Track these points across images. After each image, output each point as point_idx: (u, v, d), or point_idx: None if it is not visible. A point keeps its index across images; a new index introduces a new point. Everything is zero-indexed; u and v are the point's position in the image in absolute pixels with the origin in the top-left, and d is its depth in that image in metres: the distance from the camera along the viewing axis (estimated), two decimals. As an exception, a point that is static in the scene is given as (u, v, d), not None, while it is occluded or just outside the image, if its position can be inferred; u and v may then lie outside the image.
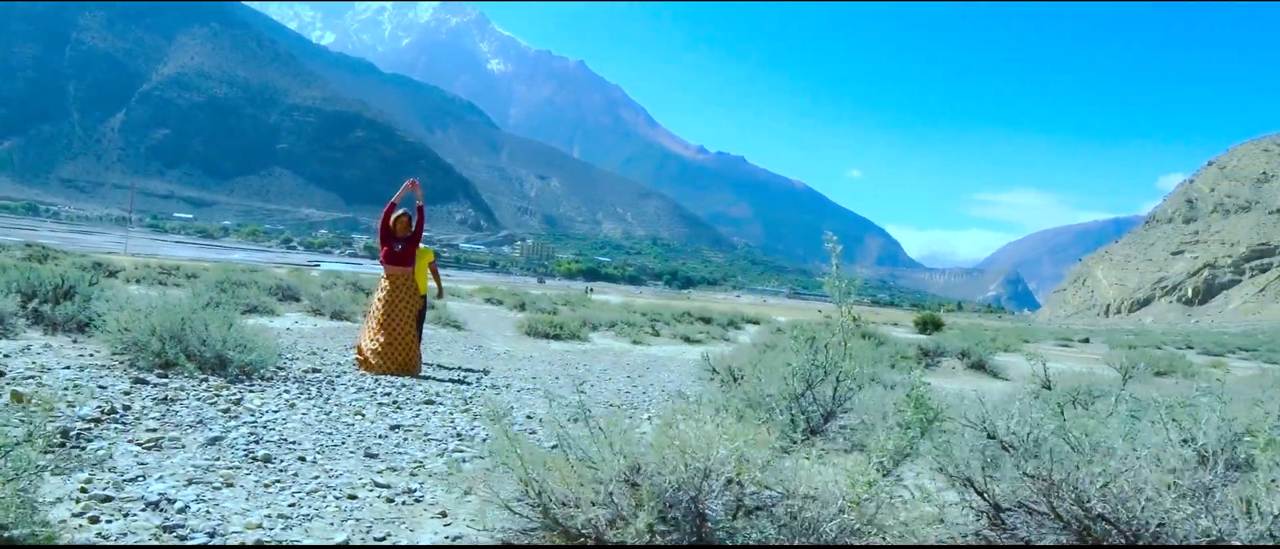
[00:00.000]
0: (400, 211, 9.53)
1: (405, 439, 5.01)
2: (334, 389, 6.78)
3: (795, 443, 2.77)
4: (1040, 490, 2.75)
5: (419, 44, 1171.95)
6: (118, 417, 4.44)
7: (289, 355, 8.66)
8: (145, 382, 5.69)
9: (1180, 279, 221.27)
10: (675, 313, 33.72)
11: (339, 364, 8.92)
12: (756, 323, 35.85)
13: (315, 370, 7.84)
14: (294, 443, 4.50)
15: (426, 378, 8.58)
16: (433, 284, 11.53)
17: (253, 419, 4.97)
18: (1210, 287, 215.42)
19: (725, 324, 31.17)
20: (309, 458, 4.24)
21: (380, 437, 5.01)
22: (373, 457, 4.44)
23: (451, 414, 6.19)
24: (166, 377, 6.01)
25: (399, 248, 9.31)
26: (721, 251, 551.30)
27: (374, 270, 70.85)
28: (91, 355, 6.78)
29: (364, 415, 5.65)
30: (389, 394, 6.85)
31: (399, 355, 8.70)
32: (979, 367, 19.18)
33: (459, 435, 5.31)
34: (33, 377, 5.33)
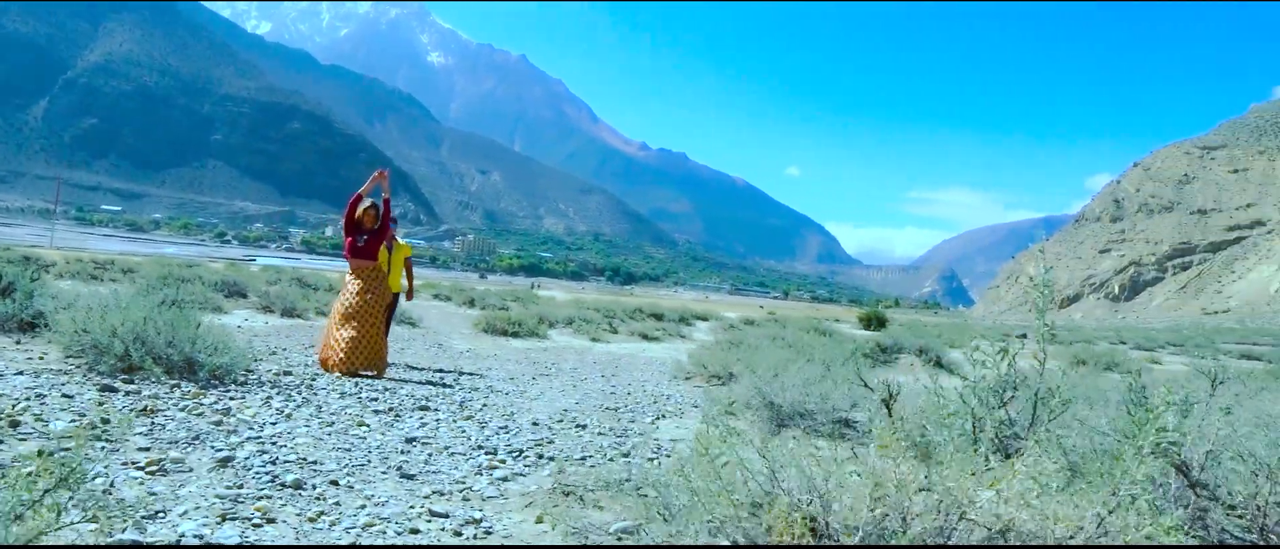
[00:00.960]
0: (368, 203, 9.07)
1: (429, 454, 4.59)
2: (315, 394, 6.33)
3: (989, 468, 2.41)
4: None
5: (358, 35, 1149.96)
6: (98, 432, 3.96)
7: (249, 355, 8.14)
8: (113, 389, 5.19)
9: (1107, 276, 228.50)
10: (627, 309, 33.45)
11: (307, 365, 8.43)
12: (705, 319, 35.80)
13: (287, 373, 7.35)
14: (315, 463, 4.05)
15: (403, 380, 8.13)
16: (404, 282, 11.06)
17: (254, 434, 4.52)
18: (1135, 284, 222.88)
19: (676, 320, 30.97)
20: (341, 481, 3.82)
21: (400, 452, 4.59)
22: (409, 478, 4.03)
23: (455, 421, 5.81)
24: (133, 383, 5.51)
25: (364, 241, 8.84)
26: (663, 248, 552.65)
27: (314, 266, 68.74)
28: (41, 359, 6.22)
29: (368, 426, 5.23)
30: (376, 399, 6.43)
31: (365, 353, 8.23)
32: (936, 363, 19.22)
33: (481, 448, 4.92)
34: (-19, 384, 4.81)
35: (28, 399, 4.52)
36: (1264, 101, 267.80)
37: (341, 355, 8.07)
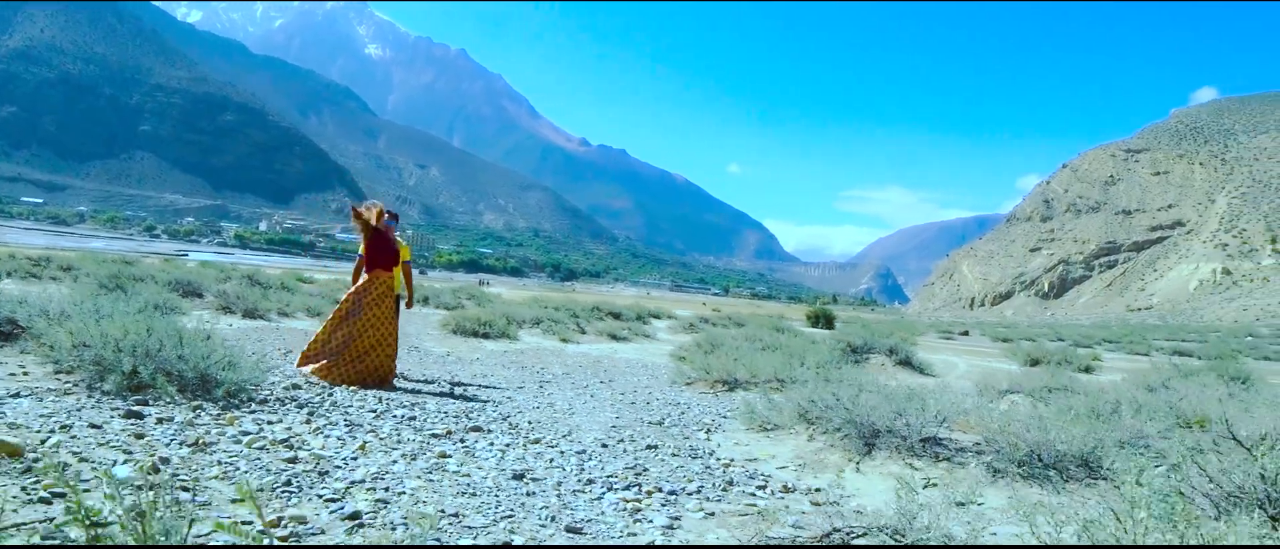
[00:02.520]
0: (378, 208, 8.54)
1: (558, 494, 4.03)
2: (348, 412, 5.74)
3: None
4: None
5: (292, 26, 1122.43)
6: (174, 481, 3.35)
7: (260, 368, 7.45)
8: (138, 414, 4.58)
9: (1037, 274, 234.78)
10: (584, 308, 32.99)
11: (300, 376, 7.81)
12: (658, 317, 35.52)
13: (295, 386, 6.74)
14: (455, 516, 3.45)
15: (414, 392, 7.58)
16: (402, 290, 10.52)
17: (347, 474, 3.93)
18: (1064, 281, 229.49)
19: (634, 319, 30.67)
20: (515, 543, 3.26)
21: (525, 492, 4.05)
22: (576, 531, 3.50)
23: (523, 444, 5.27)
24: (147, 403, 4.91)
25: (390, 251, 8.35)
26: (603, 244, 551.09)
27: (252, 262, 66.79)
28: (24, 375, 5.56)
29: (449, 457, 4.67)
30: (415, 417, 5.89)
31: (378, 365, 7.71)
32: (906, 363, 19.21)
33: (591, 481, 4.36)
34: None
35: (52, 431, 3.91)
36: (1183, 107, 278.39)
37: (355, 368, 7.52)
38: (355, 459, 4.30)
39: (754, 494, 4.31)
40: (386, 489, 3.78)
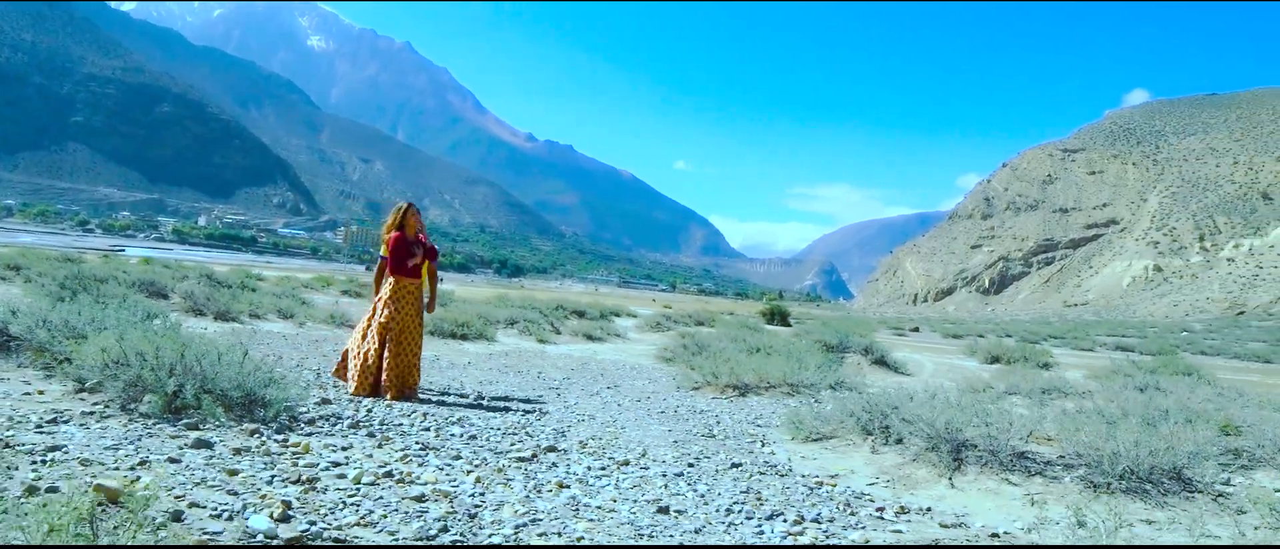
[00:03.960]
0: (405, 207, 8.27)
1: (719, 532, 3.75)
2: (407, 434, 5.40)
3: None
4: None
5: (232, 16, 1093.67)
6: (320, 533, 3.01)
7: (300, 384, 7.04)
8: (208, 444, 4.22)
9: (979, 271, 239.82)
10: (547, 306, 32.66)
11: (330, 388, 7.44)
12: (618, 315, 35.35)
13: (326, 401, 6.39)
14: None
15: (440, 402, 7.27)
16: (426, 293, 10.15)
17: (501, 516, 3.60)
18: (1004, 278, 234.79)
19: (598, 317, 30.44)
20: None
21: (692, 530, 3.77)
22: None
23: (620, 469, 4.98)
24: (197, 427, 4.56)
25: (419, 252, 8.04)
26: (550, 240, 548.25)
27: (190, 258, 64.61)
28: (40, 395, 5.16)
29: (567, 486, 4.36)
30: (475, 437, 5.57)
31: (408, 374, 7.44)
32: (881, 362, 19.31)
33: (728, 511, 4.10)
34: (44, 448, 3.78)
35: (132, 467, 3.58)
36: (1117, 109, 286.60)
37: (390, 378, 7.23)
38: (481, 494, 4.00)
39: (882, 518, 4.13)
40: (558, 534, 3.51)
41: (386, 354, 7.31)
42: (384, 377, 7.22)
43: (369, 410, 6.20)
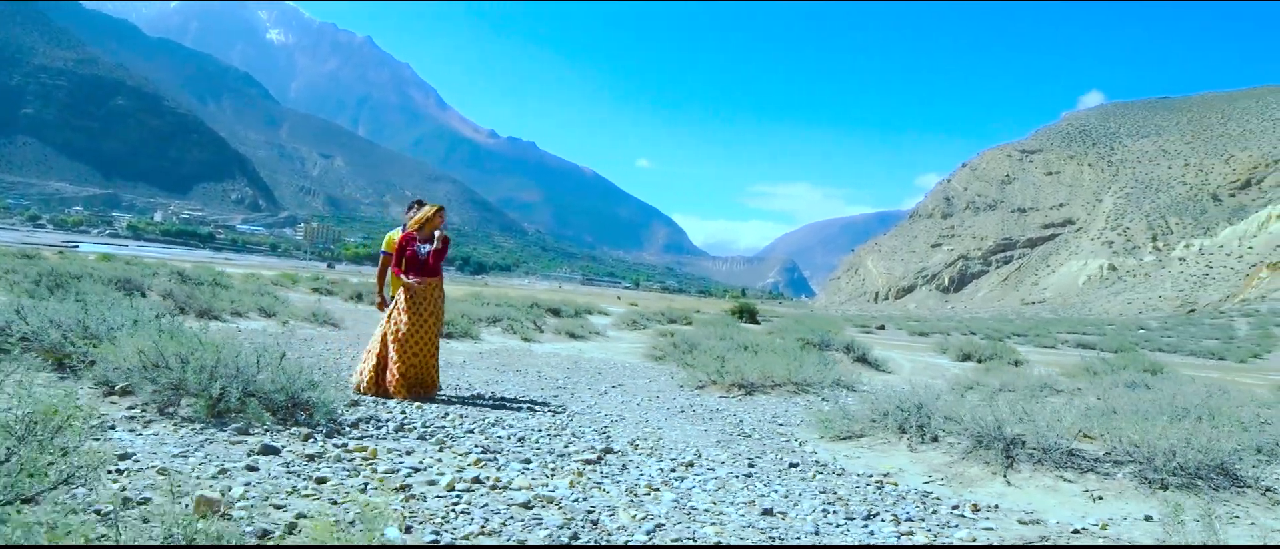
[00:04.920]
0: (432, 209, 8.14)
1: (840, 533, 3.70)
2: (459, 439, 5.27)
3: None
4: None
5: (189, 8, 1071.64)
6: (438, 544, 2.93)
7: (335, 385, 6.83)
8: (274, 450, 4.11)
9: (939, 269, 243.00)
10: (521, 304, 32.53)
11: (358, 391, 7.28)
12: (590, 312, 35.32)
13: (355, 403, 6.27)
14: None
15: (462, 402, 7.18)
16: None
17: (625, 522, 3.51)
18: (963, 276, 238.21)
19: (573, 315, 30.41)
20: None
21: (812, 532, 3.72)
22: None
23: (685, 470, 4.90)
24: (247, 432, 4.45)
25: (427, 253, 7.89)
26: (512, 237, 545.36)
27: (148, 254, 63.24)
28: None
29: (657, 491, 4.28)
30: (525, 439, 5.50)
31: (425, 375, 7.34)
32: (862, 360, 19.46)
33: (827, 509, 4.08)
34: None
35: (213, 476, 3.47)
36: (1073, 111, 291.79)
37: (405, 385, 7.11)
38: (583, 499, 3.93)
39: (963, 516, 4.13)
40: (692, 538, 3.44)
41: (395, 353, 7.21)
42: (390, 374, 7.12)
43: (403, 412, 6.11)
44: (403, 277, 7.65)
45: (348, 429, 5.01)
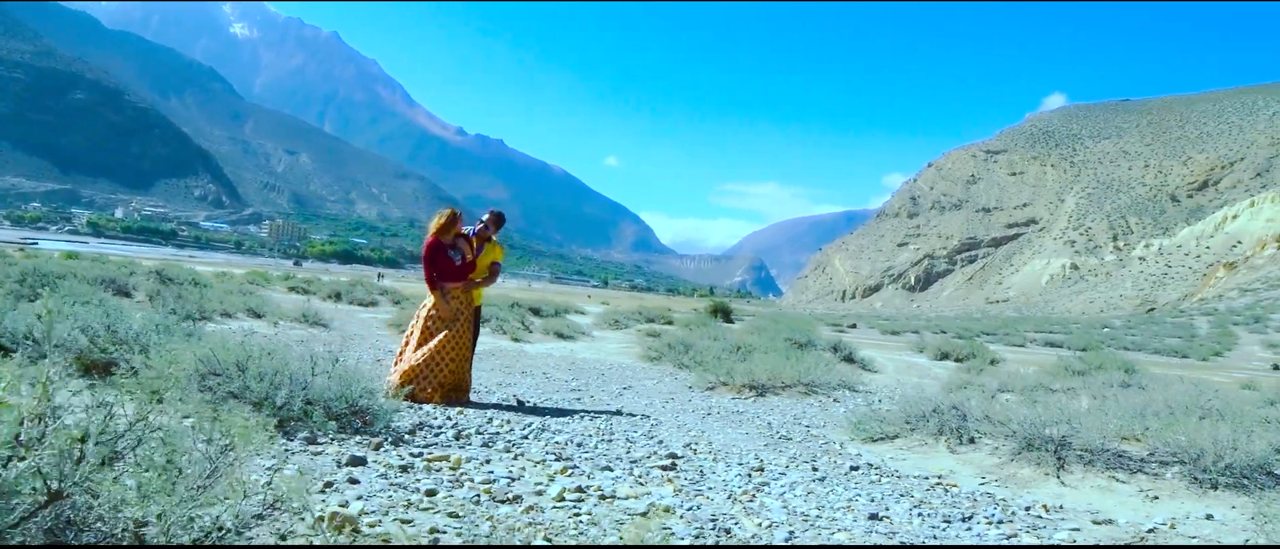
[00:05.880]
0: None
1: (948, 536, 3.74)
2: (517, 447, 5.24)
3: None
4: None
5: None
6: None
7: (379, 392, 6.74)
8: (361, 461, 4.09)
9: (905, 268, 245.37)
10: (504, 303, 32.42)
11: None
12: (569, 312, 35.27)
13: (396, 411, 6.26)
14: None
15: (495, 406, 7.18)
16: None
17: (747, 532, 3.49)
18: (929, 275, 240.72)
19: (554, 314, 30.36)
20: None
21: (926, 535, 3.77)
22: None
23: (754, 475, 4.90)
24: (314, 440, 4.43)
25: (459, 258, 7.88)
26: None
27: (111, 252, 61.61)
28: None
29: (753, 497, 4.27)
30: (582, 445, 5.52)
31: (459, 380, 7.34)
32: (849, 359, 19.59)
33: (921, 514, 4.08)
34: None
35: (320, 490, 3.43)
36: (1036, 112, 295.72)
37: (439, 389, 7.09)
38: (697, 508, 3.92)
39: (1038, 516, 4.23)
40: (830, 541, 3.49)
41: (421, 355, 7.20)
42: (408, 368, 7.12)
43: (448, 417, 6.10)
44: (440, 284, 7.66)
45: (407, 437, 5.00)
